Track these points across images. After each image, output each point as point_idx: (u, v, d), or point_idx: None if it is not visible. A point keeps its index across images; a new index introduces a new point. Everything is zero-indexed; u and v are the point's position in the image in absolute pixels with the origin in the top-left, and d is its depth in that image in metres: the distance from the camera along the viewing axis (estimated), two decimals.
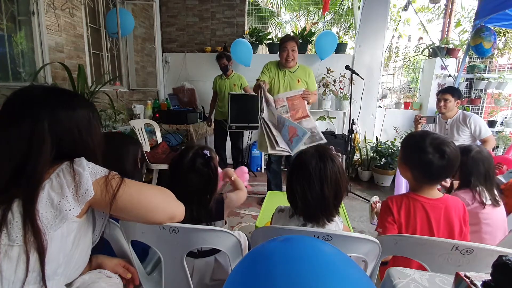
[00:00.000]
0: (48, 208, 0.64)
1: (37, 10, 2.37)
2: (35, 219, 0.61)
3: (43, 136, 0.66)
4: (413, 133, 1.32)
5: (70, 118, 0.72)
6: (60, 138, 0.69)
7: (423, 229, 1.07)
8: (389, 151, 3.61)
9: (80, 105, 0.75)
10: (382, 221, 1.14)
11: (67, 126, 0.71)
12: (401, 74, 4.58)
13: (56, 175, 0.66)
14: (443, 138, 1.07)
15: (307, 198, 0.94)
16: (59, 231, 0.65)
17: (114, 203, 0.70)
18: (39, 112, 0.68)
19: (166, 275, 0.96)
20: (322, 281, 0.40)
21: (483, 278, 0.54)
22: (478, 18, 3.21)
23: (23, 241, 0.60)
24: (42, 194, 0.63)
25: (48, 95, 0.72)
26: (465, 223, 1.10)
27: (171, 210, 0.82)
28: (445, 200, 1.10)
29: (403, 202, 1.11)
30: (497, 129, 3.77)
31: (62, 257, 0.67)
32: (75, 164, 0.68)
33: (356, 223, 2.60)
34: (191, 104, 4.00)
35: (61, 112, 0.71)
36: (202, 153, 1.07)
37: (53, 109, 0.70)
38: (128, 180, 0.74)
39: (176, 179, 1.07)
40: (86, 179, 0.67)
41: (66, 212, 0.64)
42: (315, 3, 6.43)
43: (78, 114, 0.73)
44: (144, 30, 4.08)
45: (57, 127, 0.69)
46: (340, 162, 0.98)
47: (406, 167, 1.13)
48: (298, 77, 2.52)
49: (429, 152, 1.04)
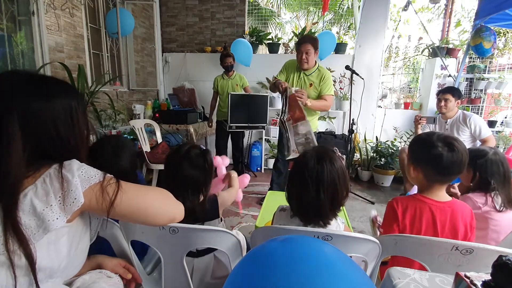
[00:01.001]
0: (31, 216, 0.57)
1: (37, 10, 2.37)
2: (17, 227, 0.55)
3: (11, 130, 0.56)
4: (418, 135, 1.32)
5: (44, 109, 0.61)
6: (34, 134, 0.59)
7: (427, 231, 1.06)
8: (389, 151, 3.61)
9: (59, 94, 0.64)
10: (385, 224, 1.13)
11: (42, 119, 0.60)
12: (401, 74, 4.58)
13: (42, 181, 0.59)
14: (447, 134, 1.10)
15: (302, 201, 0.93)
16: (45, 239, 0.58)
17: (112, 211, 0.65)
18: (8, 102, 0.57)
19: (166, 275, 0.96)
20: (322, 281, 0.40)
21: (483, 278, 0.54)
22: (478, 18, 3.21)
23: (5, 248, 0.54)
24: (25, 201, 0.57)
25: (22, 82, 0.61)
26: (471, 229, 1.09)
27: (172, 212, 0.79)
28: (452, 204, 1.08)
29: (409, 204, 1.10)
30: (497, 129, 3.77)
31: (57, 262, 0.62)
32: (64, 168, 0.60)
33: (356, 223, 2.60)
34: (191, 104, 4.00)
35: (34, 104, 0.59)
36: (198, 146, 1.10)
37: (26, 99, 0.59)
38: (124, 185, 0.68)
39: (171, 170, 1.08)
40: (75, 187, 0.59)
41: (49, 222, 0.57)
42: (315, 3, 6.42)
43: (55, 104, 0.62)
44: (144, 30, 4.08)
45: (30, 120, 0.59)
46: (342, 164, 0.95)
47: (417, 167, 1.12)
48: (312, 81, 2.44)
49: (438, 146, 1.04)
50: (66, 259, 0.64)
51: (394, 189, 3.54)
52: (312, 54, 2.34)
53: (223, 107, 3.56)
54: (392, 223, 1.10)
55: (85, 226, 0.71)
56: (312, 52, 2.33)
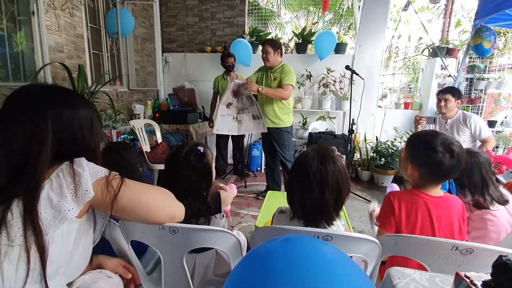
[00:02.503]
0: (47, 208, 0.63)
1: (37, 10, 2.37)
2: (36, 219, 0.61)
3: (45, 135, 0.65)
4: (421, 132, 1.31)
5: (73, 117, 0.71)
6: (62, 137, 0.68)
7: (424, 226, 1.07)
8: (389, 151, 3.61)
9: (83, 104, 0.74)
10: (382, 216, 1.14)
11: (70, 125, 0.70)
12: (401, 74, 4.58)
13: (56, 175, 0.65)
14: (451, 138, 1.08)
15: (306, 202, 0.92)
16: (59, 231, 0.64)
17: (115, 204, 0.69)
18: (42, 111, 0.66)
19: (166, 275, 0.96)
20: (322, 281, 0.40)
21: (483, 278, 0.54)
22: (478, 18, 3.21)
23: (24, 240, 0.60)
24: (42, 195, 0.63)
25: (50, 94, 0.71)
26: (463, 221, 1.12)
27: (172, 210, 0.82)
28: (446, 199, 1.11)
29: (405, 198, 1.12)
30: (497, 129, 3.77)
31: (63, 257, 0.66)
32: (74, 164, 0.67)
33: (356, 223, 2.60)
34: (191, 104, 4.00)
35: (64, 111, 0.69)
36: (195, 149, 1.09)
37: (57, 108, 0.69)
38: (128, 181, 0.73)
39: (172, 175, 1.09)
40: (85, 180, 0.66)
41: (65, 212, 0.64)
42: (315, 3, 6.43)
43: (80, 113, 0.72)
44: (144, 30, 4.08)
45: (60, 126, 0.68)
46: (342, 164, 0.96)
47: (414, 166, 1.13)
48: (275, 76, 2.75)
49: (439, 151, 1.04)
50: (69, 256, 0.68)
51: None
52: (272, 53, 2.67)
53: None
54: (389, 216, 1.11)
55: (90, 226, 0.74)
56: (271, 52, 2.66)
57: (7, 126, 0.64)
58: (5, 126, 0.65)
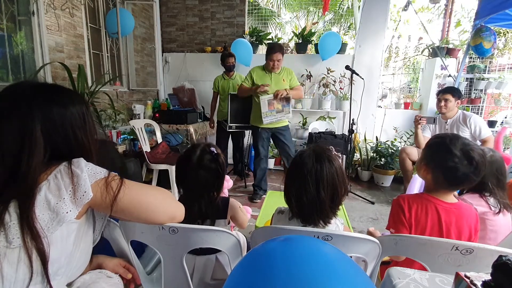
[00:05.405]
0: (45, 210, 0.61)
1: (37, 10, 2.37)
2: (32, 222, 0.59)
3: (35, 136, 0.63)
4: (442, 134, 1.25)
5: (63, 116, 0.68)
6: (53, 137, 0.66)
7: (433, 231, 1.05)
8: (389, 151, 3.61)
9: (73, 101, 0.71)
10: (395, 221, 1.10)
11: (61, 124, 0.67)
12: (401, 74, 4.58)
13: (53, 177, 0.64)
14: (473, 144, 1.00)
15: (303, 201, 0.92)
16: (58, 233, 0.63)
17: (115, 205, 0.68)
18: (29, 111, 0.64)
19: (166, 275, 0.96)
20: (322, 281, 0.40)
21: (483, 278, 0.54)
22: (478, 18, 3.21)
23: (22, 243, 0.59)
24: (39, 197, 0.61)
25: (38, 92, 0.68)
26: (475, 232, 1.07)
27: (172, 210, 0.82)
28: (459, 206, 1.06)
29: (415, 202, 1.08)
30: (497, 129, 3.77)
31: (64, 258, 0.66)
32: (73, 165, 0.66)
33: (356, 223, 2.60)
34: (191, 104, 4.00)
35: (53, 110, 0.67)
36: (209, 150, 1.11)
37: (45, 107, 0.66)
38: (127, 181, 0.72)
39: (185, 177, 1.11)
40: (84, 181, 0.64)
41: (63, 214, 0.62)
42: (315, 3, 6.42)
43: (71, 111, 0.70)
44: (144, 30, 4.08)
45: (50, 126, 0.65)
46: (339, 163, 0.96)
47: (427, 168, 1.08)
48: (283, 78, 2.92)
49: (456, 156, 0.98)
50: (69, 257, 0.67)
51: (394, 189, 3.54)
52: (282, 59, 2.84)
53: (224, 107, 3.56)
54: (402, 219, 1.07)
55: (89, 227, 0.74)
56: (282, 58, 2.83)
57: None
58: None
